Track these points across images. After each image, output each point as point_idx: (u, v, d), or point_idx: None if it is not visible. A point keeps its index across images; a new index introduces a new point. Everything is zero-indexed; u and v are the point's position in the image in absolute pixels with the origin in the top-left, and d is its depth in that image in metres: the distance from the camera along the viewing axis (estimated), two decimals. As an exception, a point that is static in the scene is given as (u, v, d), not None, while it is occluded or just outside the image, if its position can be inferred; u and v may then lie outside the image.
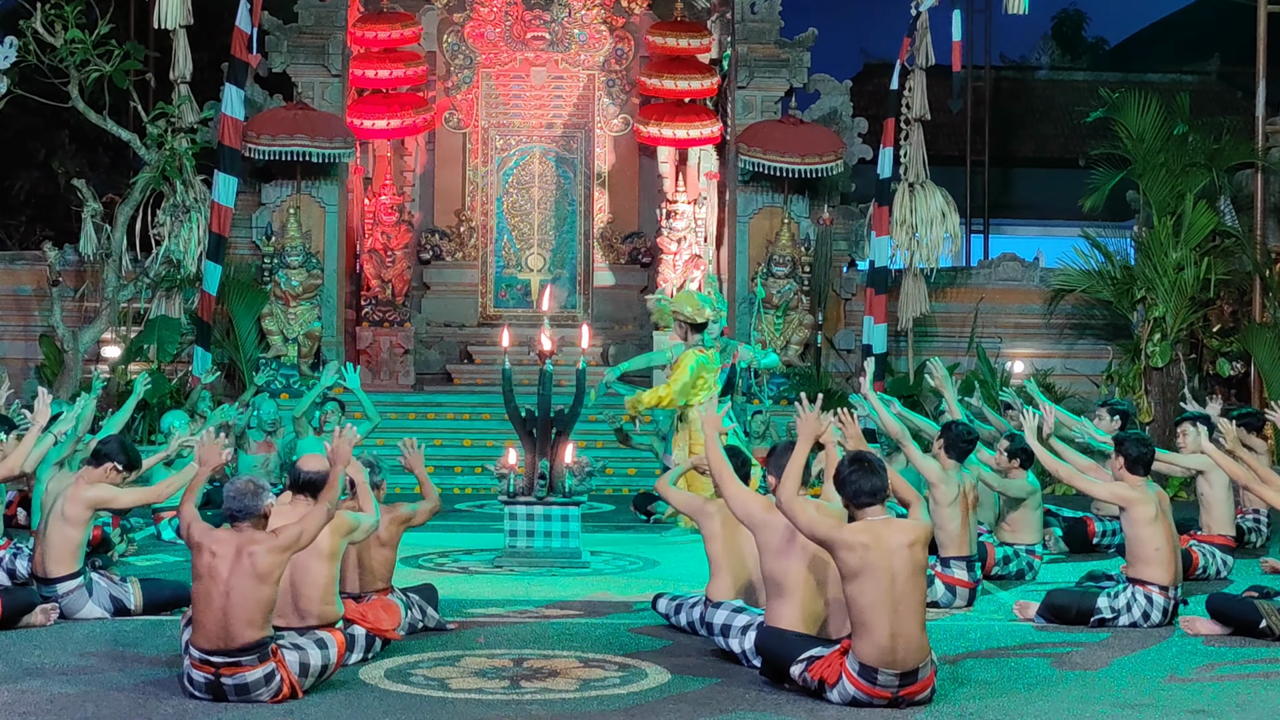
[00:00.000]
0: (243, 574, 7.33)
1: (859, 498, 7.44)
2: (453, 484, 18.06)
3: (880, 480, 7.46)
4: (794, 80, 20.85)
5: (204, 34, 21.99)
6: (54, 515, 9.51)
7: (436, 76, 22.68)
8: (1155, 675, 8.26)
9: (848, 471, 7.49)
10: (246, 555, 7.36)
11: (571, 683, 7.88)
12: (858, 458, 7.55)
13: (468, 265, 22.78)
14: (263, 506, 7.54)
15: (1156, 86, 24.21)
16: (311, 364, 19.38)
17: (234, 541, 7.44)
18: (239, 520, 7.51)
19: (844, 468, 7.53)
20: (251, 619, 7.31)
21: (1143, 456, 9.76)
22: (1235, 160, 20.20)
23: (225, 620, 7.30)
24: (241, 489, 7.55)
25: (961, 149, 25.76)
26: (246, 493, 7.54)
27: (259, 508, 7.53)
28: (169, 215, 18.67)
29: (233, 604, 7.30)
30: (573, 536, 11.96)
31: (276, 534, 7.48)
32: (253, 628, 7.31)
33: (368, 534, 8.51)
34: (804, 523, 7.46)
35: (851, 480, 7.46)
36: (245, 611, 7.30)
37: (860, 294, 20.37)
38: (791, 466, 7.60)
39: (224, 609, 7.31)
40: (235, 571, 7.34)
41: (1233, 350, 20.10)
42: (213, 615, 7.33)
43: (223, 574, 7.34)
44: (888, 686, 7.26)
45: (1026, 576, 11.48)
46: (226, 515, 7.56)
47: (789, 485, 7.55)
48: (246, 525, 7.50)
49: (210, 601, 7.34)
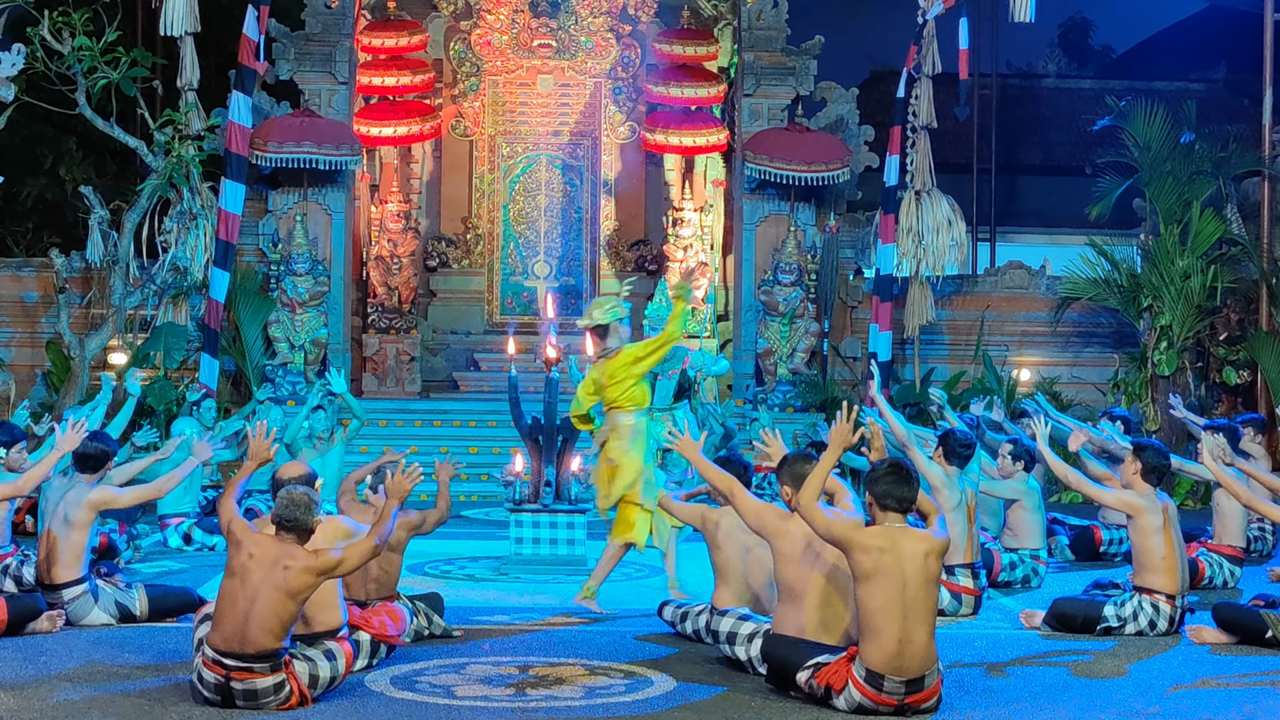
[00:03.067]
0: (273, 585, 7.29)
1: (885, 500, 7.45)
2: (459, 491, 18.07)
3: (911, 491, 7.48)
4: (800, 88, 20.85)
5: (211, 41, 22.03)
6: (57, 520, 9.53)
7: (443, 84, 22.71)
8: (1161, 684, 8.25)
9: (883, 472, 7.52)
10: (282, 569, 7.32)
11: (577, 690, 7.88)
12: (898, 464, 7.57)
13: (474, 272, 22.79)
14: (311, 522, 7.51)
15: (1163, 94, 24.25)
16: (318, 371, 19.38)
17: (273, 550, 7.39)
18: (285, 530, 7.48)
19: (880, 468, 7.55)
20: (271, 629, 7.30)
21: (1159, 466, 9.76)
22: (1242, 168, 20.18)
23: (245, 624, 7.29)
24: (296, 500, 7.50)
25: (968, 157, 25.78)
26: (300, 504, 7.49)
27: (308, 523, 7.50)
28: (176, 222, 18.68)
29: (256, 610, 7.28)
30: (579, 544, 11.97)
31: (317, 554, 7.40)
32: (270, 637, 7.30)
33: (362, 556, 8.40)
34: (822, 526, 7.46)
35: (884, 481, 7.48)
36: (266, 621, 7.28)
37: (866, 302, 20.37)
38: (816, 473, 7.59)
39: (246, 613, 7.29)
40: (267, 580, 7.31)
41: (1239, 358, 20.07)
42: (234, 616, 7.31)
43: (254, 578, 7.32)
44: (894, 694, 7.25)
45: (1033, 582, 11.47)
46: (274, 520, 7.53)
47: (810, 491, 7.54)
48: (291, 537, 7.48)
49: (235, 601, 7.32)
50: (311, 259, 19.71)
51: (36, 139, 24.57)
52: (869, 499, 7.55)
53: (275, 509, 7.53)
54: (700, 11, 22.54)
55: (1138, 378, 19.72)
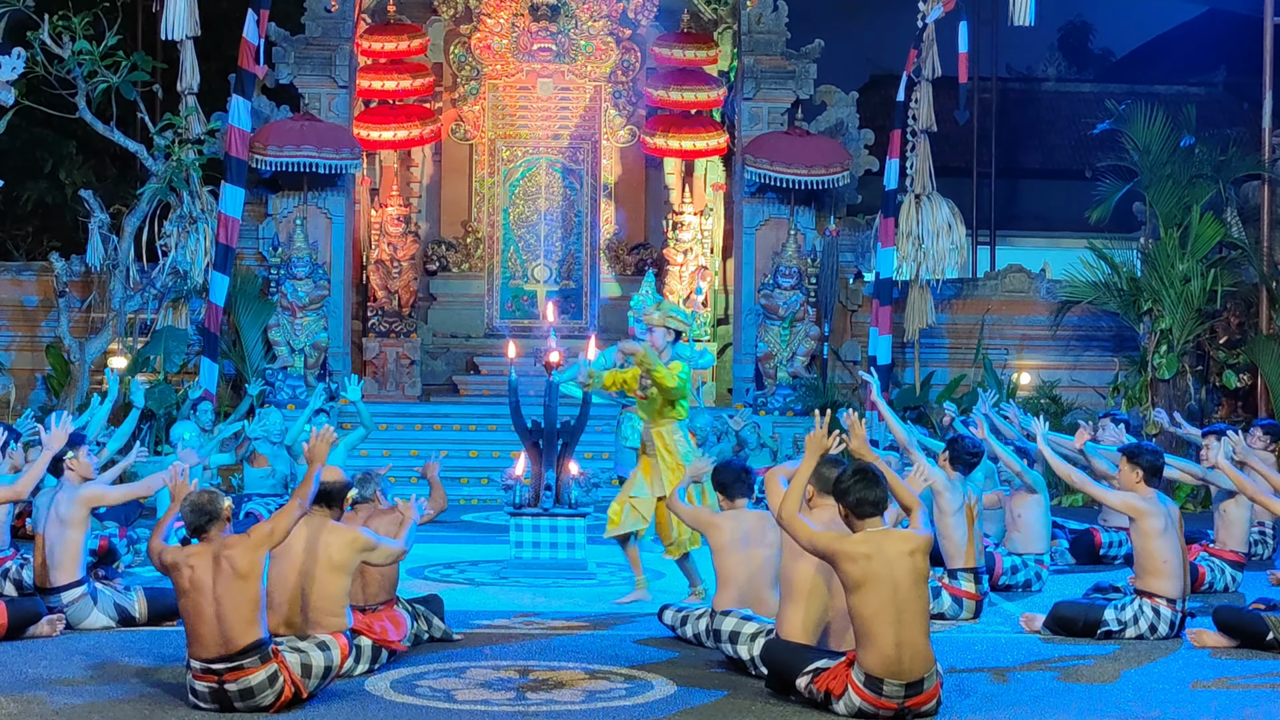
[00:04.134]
0: (225, 577, 7.36)
1: (861, 507, 7.45)
2: (459, 495, 18.08)
3: (881, 491, 7.47)
4: (800, 92, 20.86)
5: (211, 45, 22.02)
6: (51, 522, 9.54)
7: (443, 88, 22.72)
8: (1162, 688, 8.25)
9: (850, 481, 7.50)
10: (225, 559, 7.39)
11: (577, 694, 7.87)
12: (861, 470, 7.56)
13: (474, 276, 22.80)
14: (221, 509, 7.57)
15: (1163, 98, 24.26)
16: (318, 374, 19.38)
17: (208, 551, 7.46)
18: (204, 531, 7.53)
19: (846, 478, 7.54)
20: (245, 618, 7.33)
21: (1158, 467, 9.74)
22: (1242, 172, 20.19)
23: (221, 627, 7.33)
24: (195, 502, 7.57)
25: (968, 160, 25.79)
26: (201, 504, 7.56)
27: (218, 510, 7.56)
28: (176, 226, 18.68)
29: (224, 609, 7.33)
30: (579, 548, 11.96)
31: (248, 533, 7.50)
32: (249, 627, 7.33)
33: (388, 559, 8.45)
34: (805, 538, 7.47)
35: (854, 490, 7.47)
36: (238, 613, 7.33)
37: (866, 305, 20.37)
38: (794, 485, 7.60)
39: (217, 615, 7.33)
40: (218, 577, 7.37)
41: (1239, 362, 20.08)
42: (207, 625, 7.35)
43: (206, 583, 7.38)
44: (893, 697, 7.25)
45: (1034, 586, 11.46)
46: (191, 532, 7.57)
47: (790, 502, 7.55)
48: (213, 532, 7.52)
49: (201, 613, 7.37)
50: (311, 263, 19.70)
51: (37, 143, 24.58)
52: (843, 511, 7.53)
53: (186, 522, 7.59)
54: (700, 15, 22.55)
55: (1138, 381, 19.73)
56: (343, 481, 8.41)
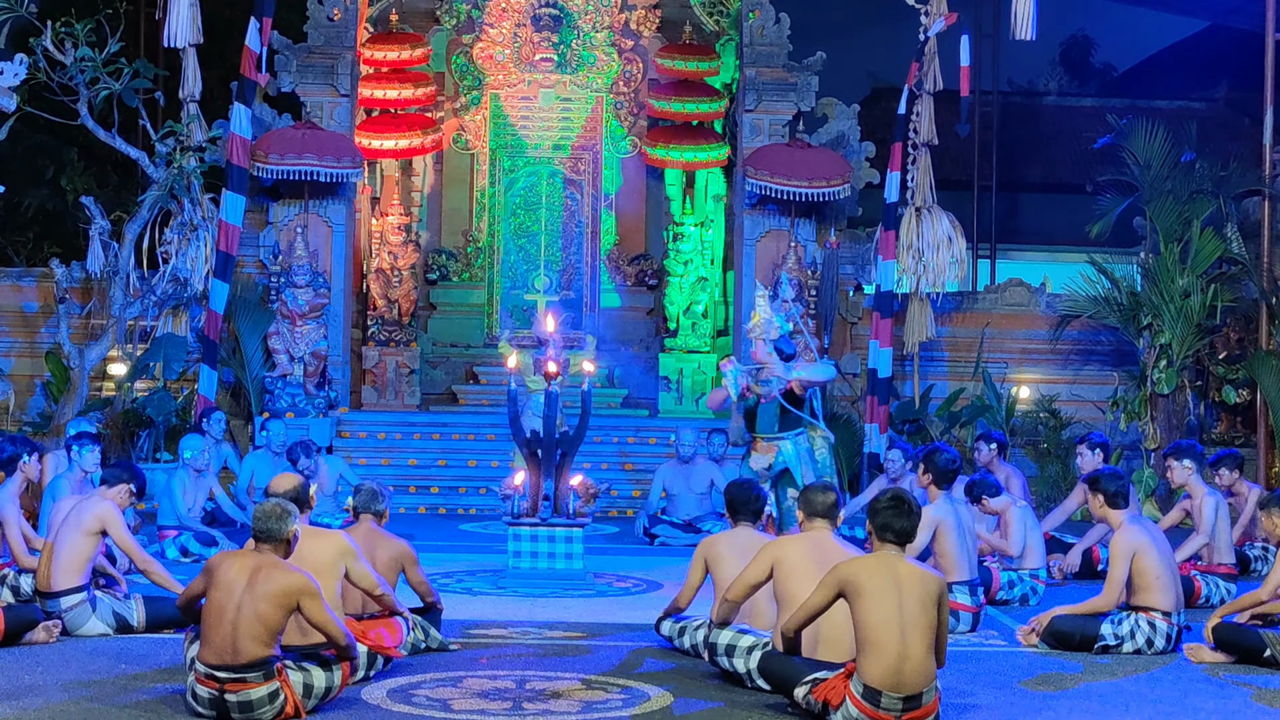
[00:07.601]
0: (255, 595, 7.34)
1: (884, 532, 7.49)
2: (458, 504, 18.10)
3: (911, 523, 7.51)
4: (802, 104, 20.86)
5: (214, 53, 22.06)
6: (66, 526, 9.54)
7: (445, 97, 22.74)
8: (1159, 703, 8.25)
9: (884, 504, 7.55)
10: (263, 578, 7.38)
11: (574, 705, 7.87)
12: (899, 495, 7.59)
13: (474, 286, 22.81)
14: (286, 531, 7.58)
15: (1164, 113, 24.29)
16: (317, 383, 19.37)
17: (253, 560, 7.49)
18: (263, 542, 7.57)
19: (882, 499, 7.58)
20: (259, 636, 7.33)
21: (1121, 490, 9.80)
22: (1242, 187, 20.20)
23: (234, 635, 7.32)
24: (269, 511, 7.60)
25: (969, 174, 25.82)
26: (273, 515, 7.59)
27: (283, 532, 7.57)
28: (176, 233, 18.69)
29: (243, 619, 7.32)
30: (576, 558, 11.96)
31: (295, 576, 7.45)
32: (260, 644, 7.33)
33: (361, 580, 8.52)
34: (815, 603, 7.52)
35: (885, 514, 7.52)
36: (254, 629, 7.32)
37: (866, 318, 20.36)
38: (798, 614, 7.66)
39: (234, 623, 7.33)
40: (249, 590, 7.36)
41: (1239, 377, 20.09)
42: (222, 630, 7.34)
43: (238, 589, 7.37)
44: (891, 710, 7.24)
45: (1031, 601, 11.46)
46: (254, 535, 7.63)
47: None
48: (269, 549, 7.55)
49: (222, 614, 7.36)
50: (312, 271, 19.70)
51: (38, 149, 24.61)
52: (869, 528, 7.58)
53: (253, 523, 7.63)
54: (702, 27, 22.58)
55: (1137, 396, 19.73)
56: (300, 484, 8.59)
